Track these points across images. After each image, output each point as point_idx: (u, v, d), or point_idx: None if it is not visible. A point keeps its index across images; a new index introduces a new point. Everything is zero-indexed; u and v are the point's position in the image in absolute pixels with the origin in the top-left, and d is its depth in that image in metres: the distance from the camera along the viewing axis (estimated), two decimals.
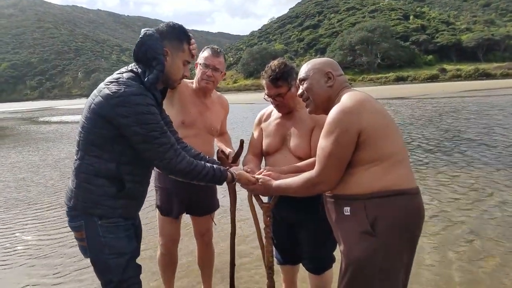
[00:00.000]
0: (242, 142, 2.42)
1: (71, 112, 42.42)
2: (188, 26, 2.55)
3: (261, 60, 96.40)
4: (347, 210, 1.77)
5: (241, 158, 2.52)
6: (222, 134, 2.90)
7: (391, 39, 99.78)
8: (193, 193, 2.66)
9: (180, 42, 1.92)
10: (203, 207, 2.82)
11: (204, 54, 2.63)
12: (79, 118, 1.91)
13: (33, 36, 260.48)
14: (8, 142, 16.53)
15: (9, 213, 5.95)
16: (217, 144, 2.81)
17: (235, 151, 2.52)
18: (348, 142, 1.72)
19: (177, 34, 1.91)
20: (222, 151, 2.57)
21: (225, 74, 2.73)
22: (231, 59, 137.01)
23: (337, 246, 2.11)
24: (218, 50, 2.65)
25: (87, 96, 1.92)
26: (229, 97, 4.09)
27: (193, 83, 2.70)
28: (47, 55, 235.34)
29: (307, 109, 2.04)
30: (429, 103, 25.25)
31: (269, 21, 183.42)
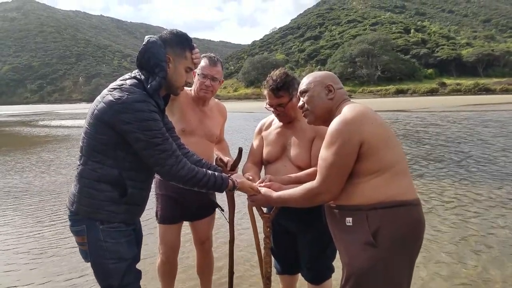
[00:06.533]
0: (240, 150, 2.41)
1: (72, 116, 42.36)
2: (191, 34, 2.56)
3: (262, 69, 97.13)
4: (349, 220, 1.77)
5: (240, 166, 2.51)
6: (219, 141, 2.90)
7: (392, 52, 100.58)
8: (195, 201, 2.65)
9: (183, 50, 1.93)
10: (203, 211, 2.81)
11: (201, 63, 2.58)
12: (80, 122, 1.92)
13: (35, 40, 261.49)
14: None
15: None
16: (215, 153, 2.80)
17: (234, 159, 2.52)
18: (350, 153, 1.73)
19: (180, 42, 1.92)
20: (221, 159, 2.55)
21: (223, 81, 2.72)
22: (232, 67, 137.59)
23: (337, 256, 2.12)
24: (215, 59, 2.63)
25: (87, 101, 1.91)
26: (230, 105, 4.11)
27: (191, 91, 2.70)
28: (49, 59, 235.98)
29: (306, 120, 2.05)
30: (428, 116, 25.29)
31: (271, 31, 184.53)
